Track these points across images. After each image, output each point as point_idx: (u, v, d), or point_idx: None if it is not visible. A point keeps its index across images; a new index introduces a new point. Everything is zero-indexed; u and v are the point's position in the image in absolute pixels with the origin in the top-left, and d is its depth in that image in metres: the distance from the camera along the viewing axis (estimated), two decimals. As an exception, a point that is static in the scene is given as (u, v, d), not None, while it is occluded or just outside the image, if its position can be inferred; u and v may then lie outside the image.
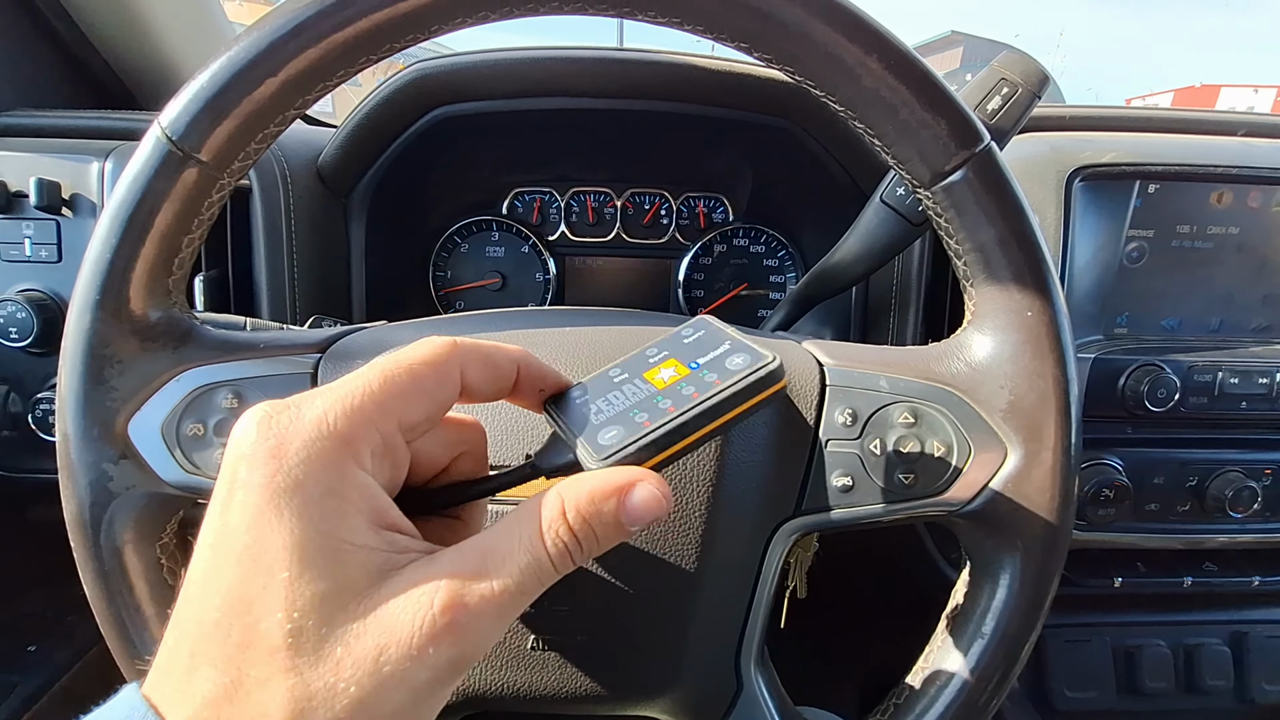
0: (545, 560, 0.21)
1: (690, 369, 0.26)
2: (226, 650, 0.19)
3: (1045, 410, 0.33)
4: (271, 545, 0.19)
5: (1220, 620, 0.70)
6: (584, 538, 0.22)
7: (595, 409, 0.25)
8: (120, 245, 0.31)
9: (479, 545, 0.21)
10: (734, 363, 0.26)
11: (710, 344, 0.27)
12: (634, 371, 0.27)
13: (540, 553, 0.21)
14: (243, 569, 0.19)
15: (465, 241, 0.79)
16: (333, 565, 0.19)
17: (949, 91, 0.32)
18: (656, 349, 0.28)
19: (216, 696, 0.19)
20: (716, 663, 0.36)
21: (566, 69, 0.59)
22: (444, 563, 0.20)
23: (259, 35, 0.31)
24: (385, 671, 0.19)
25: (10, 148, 0.57)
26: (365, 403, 0.21)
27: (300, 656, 0.19)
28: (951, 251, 0.35)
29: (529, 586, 0.21)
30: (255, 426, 0.20)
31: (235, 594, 0.19)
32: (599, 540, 0.22)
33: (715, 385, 0.25)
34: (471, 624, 0.20)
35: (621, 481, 0.22)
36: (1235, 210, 0.61)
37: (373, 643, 0.19)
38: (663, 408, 0.25)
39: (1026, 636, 0.34)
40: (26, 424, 0.57)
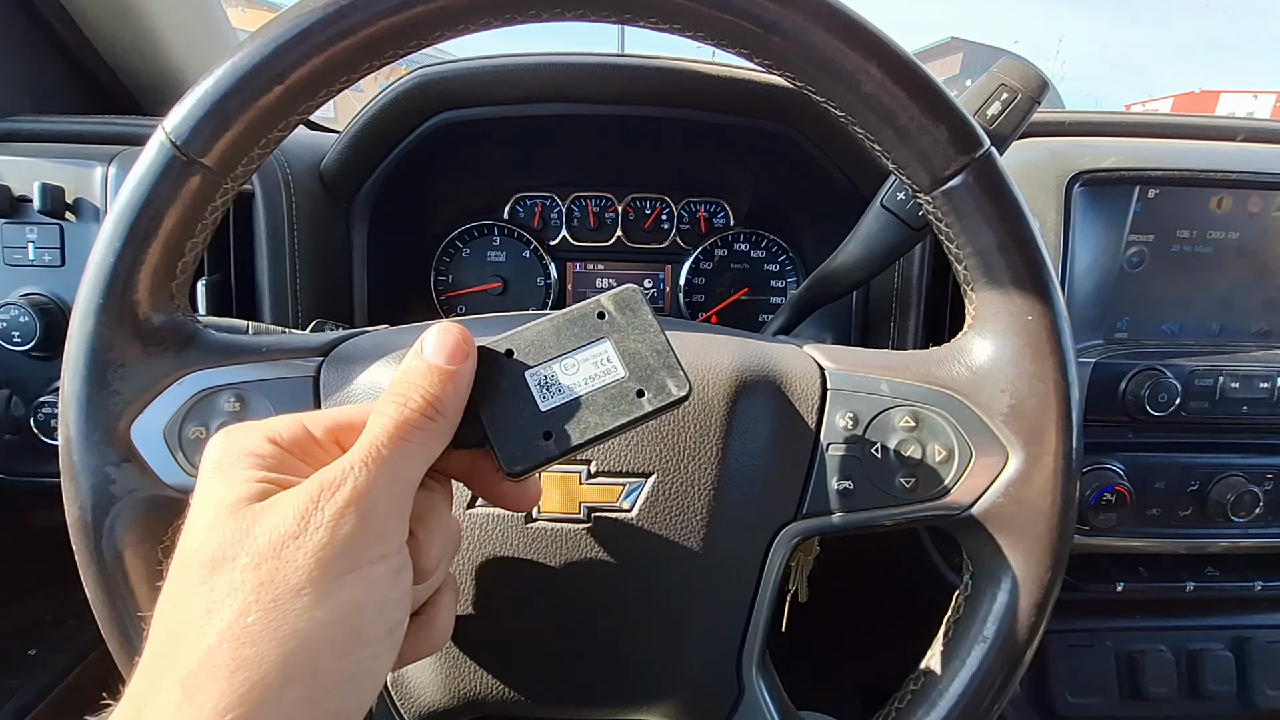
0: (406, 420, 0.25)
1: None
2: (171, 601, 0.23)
3: (1046, 414, 0.33)
4: (227, 498, 0.23)
5: (1223, 625, 0.69)
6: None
7: None
8: (124, 249, 0.31)
9: None
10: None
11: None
12: None
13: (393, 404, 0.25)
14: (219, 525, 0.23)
15: (467, 246, 0.79)
16: (242, 492, 0.23)
17: (949, 97, 0.32)
18: None
19: None
20: (717, 667, 0.36)
21: (568, 75, 0.59)
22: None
23: (263, 41, 0.31)
24: (298, 561, 0.22)
25: (15, 152, 0.57)
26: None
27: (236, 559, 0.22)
28: (952, 256, 0.35)
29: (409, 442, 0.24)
30: (217, 436, 0.25)
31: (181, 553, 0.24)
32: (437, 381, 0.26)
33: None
34: (358, 494, 0.23)
35: None
36: (1235, 215, 0.61)
37: (269, 524, 0.22)
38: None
39: (1029, 641, 0.34)
40: (28, 428, 0.57)
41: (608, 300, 0.28)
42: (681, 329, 0.39)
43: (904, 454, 0.34)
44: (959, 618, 0.35)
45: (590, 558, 0.35)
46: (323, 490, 0.23)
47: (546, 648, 0.35)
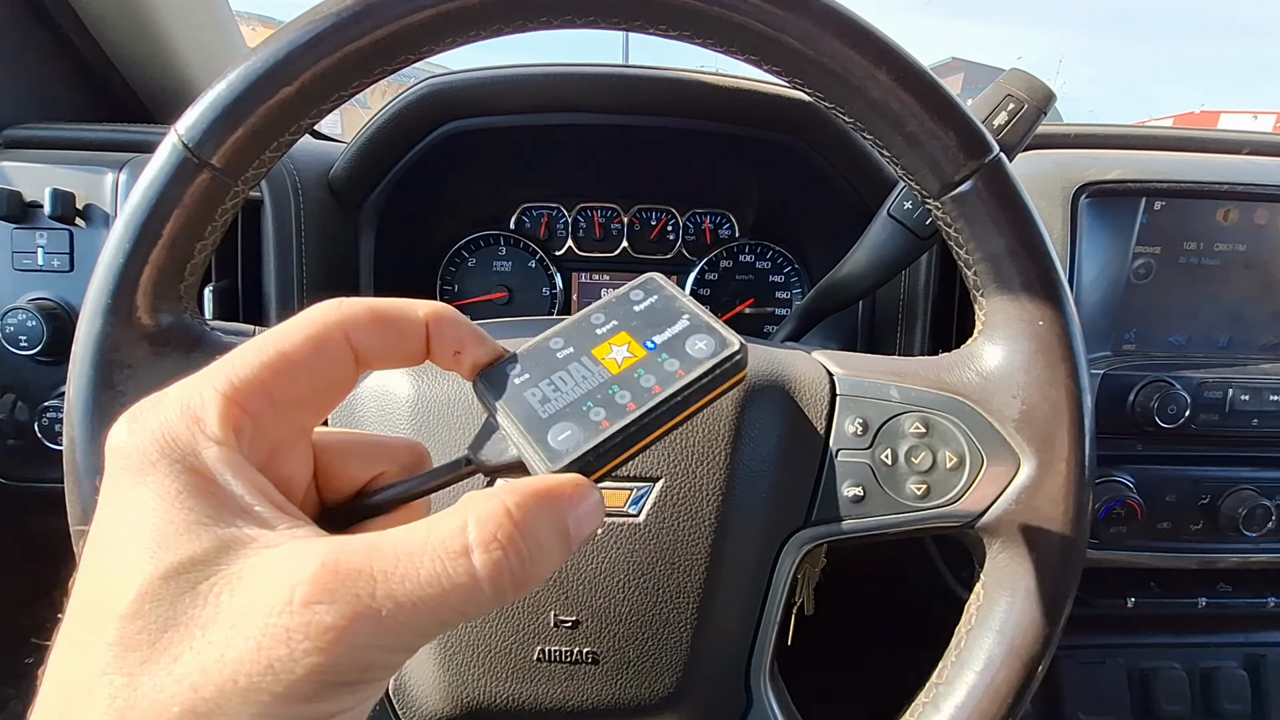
0: (466, 572, 0.16)
1: (646, 349, 0.23)
2: (66, 655, 0.16)
3: (1058, 420, 0.32)
4: (122, 527, 0.17)
5: (1236, 643, 0.68)
6: (529, 549, 0.17)
7: (539, 395, 0.22)
8: (134, 249, 0.32)
9: (374, 538, 0.17)
10: (696, 346, 0.23)
11: (665, 316, 0.23)
12: (580, 345, 0.23)
13: (460, 564, 0.16)
14: (95, 563, 0.17)
15: (473, 256, 0.79)
16: (184, 538, 0.16)
17: (957, 103, 0.33)
18: (602, 315, 0.24)
19: (59, 715, 0.16)
20: (726, 677, 0.35)
21: (576, 85, 0.60)
22: (321, 547, 0.16)
23: (277, 46, 0.31)
24: (225, 676, 0.15)
25: (27, 159, 0.58)
26: (224, 378, 0.18)
27: (130, 653, 0.15)
28: (961, 262, 0.35)
29: (431, 609, 0.16)
30: (124, 420, 0.18)
31: (85, 594, 0.17)
32: (544, 556, 0.18)
33: (678, 376, 0.22)
34: (341, 633, 0.15)
35: (570, 486, 0.19)
36: (1241, 227, 0.61)
37: (219, 635, 0.15)
38: (621, 403, 0.21)
39: (1042, 652, 0.33)
40: (32, 432, 0.57)
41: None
42: None
43: (914, 460, 0.34)
44: (971, 627, 0.35)
45: (597, 563, 0.34)
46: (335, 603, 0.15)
47: (552, 655, 0.34)
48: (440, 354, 0.22)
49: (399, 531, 0.17)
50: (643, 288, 0.25)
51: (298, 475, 0.21)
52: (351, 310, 0.20)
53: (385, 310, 0.20)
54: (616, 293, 0.24)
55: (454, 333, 0.22)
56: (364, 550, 0.16)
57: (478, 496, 0.18)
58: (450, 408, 0.36)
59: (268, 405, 0.19)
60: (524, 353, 0.23)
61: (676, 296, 0.24)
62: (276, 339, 0.19)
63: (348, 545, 0.16)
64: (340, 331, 0.20)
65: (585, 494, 0.19)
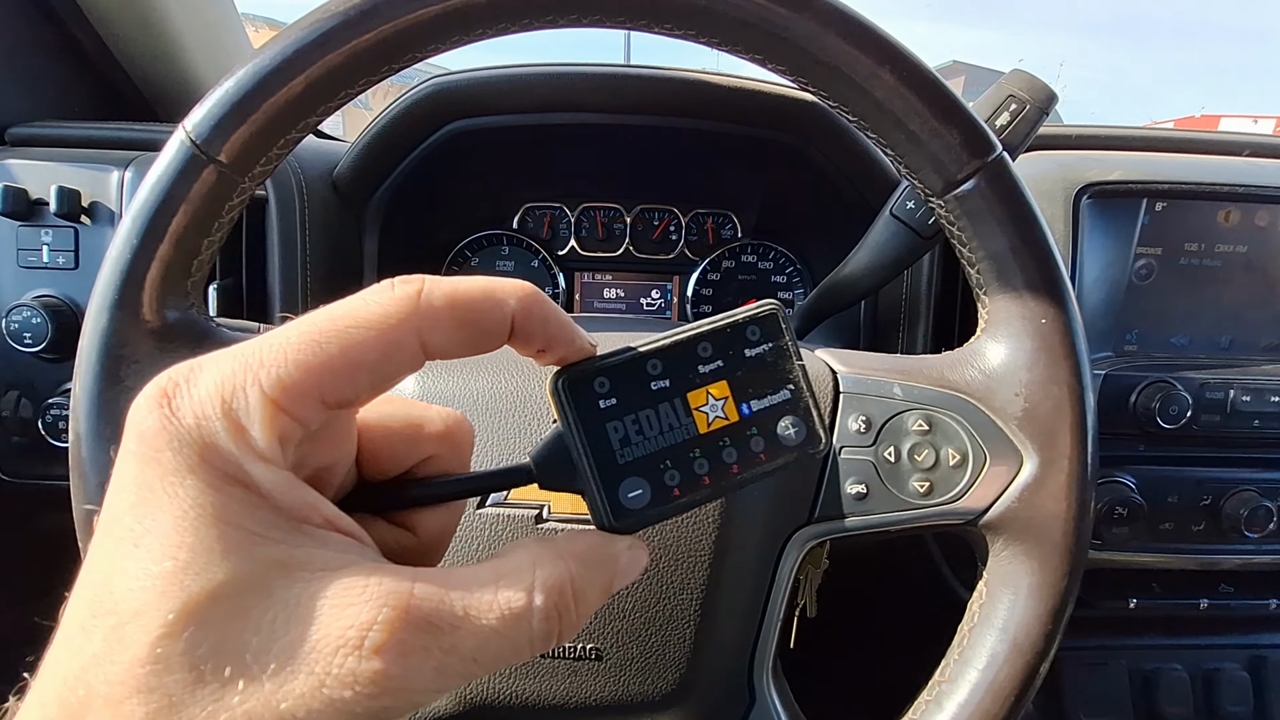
0: (524, 636, 0.17)
1: (740, 414, 0.22)
2: (80, 662, 0.15)
3: (1061, 418, 0.33)
4: (153, 532, 0.15)
5: (1239, 644, 0.68)
6: (579, 616, 0.18)
7: (621, 432, 0.21)
8: (141, 246, 0.32)
9: (446, 579, 0.17)
10: (786, 432, 0.22)
11: (772, 376, 0.22)
12: (677, 380, 0.21)
13: (521, 627, 0.17)
14: (119, 558, 0.15)
15: (476, 255, 0.80)
16: (233, 557, 0.15)
17: (960, 102, 0.33)
18: (710, 347, 0.22)
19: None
20: (729, 674, 0.35)
21: (580, 84, 0.60)
22: (389, 585, 0.16)
23: (285, 44, 0.31)
24: (284, 710, 0.14)
25: (33, 156, 0.58)
26: (274, 378, 0.16)
27: (170, 674, 0.14)
28: (964, 260, 0.35)
29: (489, 655, 0.16)
30: (155, 399, 0.16)
31: (106, 589, 0.15)
32: (586, 615, 0.18)
33: (759, 461, 0.21)
34: (407, 675, 0.15)
35: (625, 550, 0.20)
36: (1243, 229, 0.61)
37: (274, 665, 0.14)
38: (699, 473, 0.21)
39: (1045, 650, 0.33)
40: (36, 429, 0.57)
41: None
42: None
43: (917, 458, 0.34)
44: (974, 625, 0.35)
45: (600, 561, 0.34)
46: None
47: (555, 652, 0.35)
48: (523, 347, 0.20)
49: (466, 575, 0.17)
50: (761, 324, 0.22)
51: (340, 463, 0.20)
52: (430, 309, 0.18)
53: (468, 307, 0.18)
54: (731, 318, 0.22)
55: (543, 328, 0.19)
56: (434, 597, 0.16)
57: (544, 554, 0.18)
58: (460, 405, 0.36)
59: (319, 407, 0.17)
60: (615, 366, 0.21)
61: (789, 351, 0.23)
62: (341, 334, 0.17)
63: (417, 587, 0.16)
64: (415, 334, 0.18)
65: (637, 558, 0.20)
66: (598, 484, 0.20)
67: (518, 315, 0.19)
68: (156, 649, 0.14)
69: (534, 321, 0.19)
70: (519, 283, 0.19)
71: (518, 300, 0.19)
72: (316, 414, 0.17)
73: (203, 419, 0.16)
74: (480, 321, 0.18)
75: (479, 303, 0.18)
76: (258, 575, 0.15)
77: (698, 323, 0.22)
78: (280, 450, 0.16)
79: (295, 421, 0.16)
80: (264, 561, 0.15)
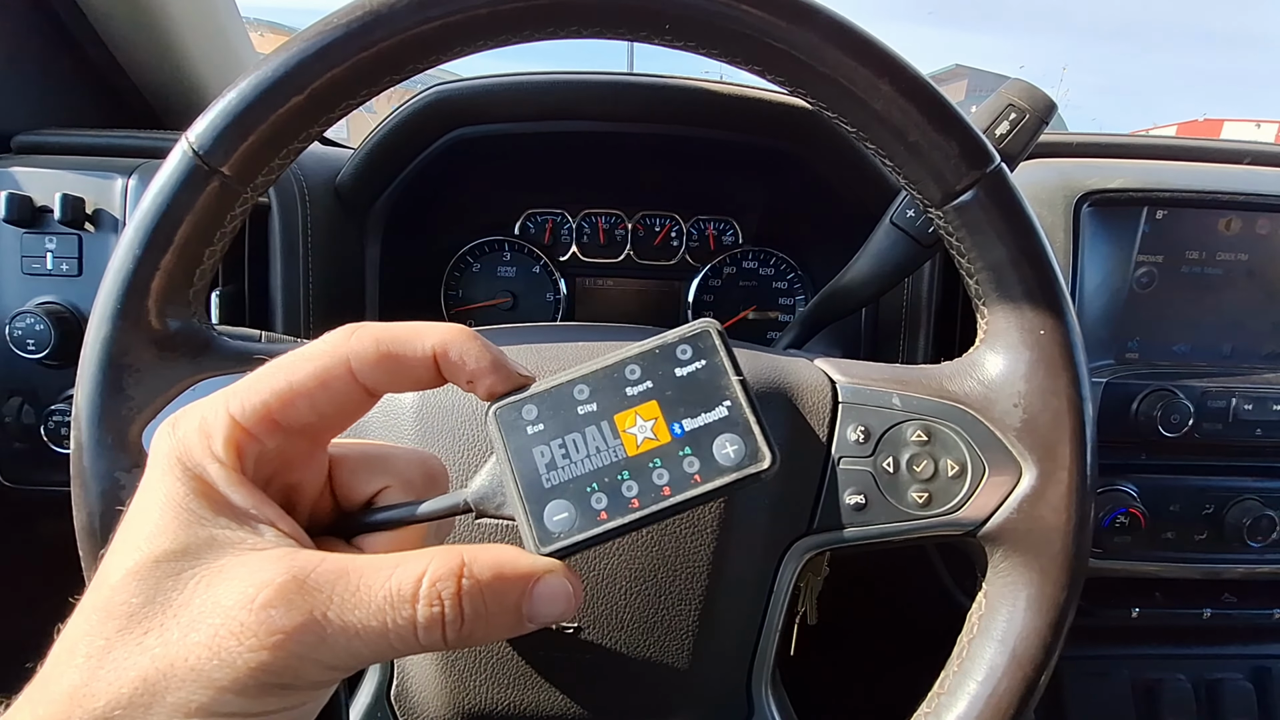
0: (407, 618, 0.18)
1: (671, 434, 0.21)
2: (73, 617, 0.18)
3: (1060, 429, 0.33)
4: (136, 516, 0.19)
5: (1242, 655, 0.68)
6: (471, 614, 0.19)
7: (548, 456, 0.21)
8: (143, 255, 0.32)
9: (354, 560, 0.19)
10: (724, 450, 0.21)
11: (705, 394, 0.21)
12: (605, 403, 0.21)
13: (404, 609, 0.18)
14: (114, 543, 0.19)
15: (477, 261, 0.80)
16: (181, 531, 0.18)
17: (959, 113, 0.33)
18: (639, 368, 0.22)
19: (50, 662, 0.18)
20: (727, 685, 0.35)
21: (582, 93, 0.60)
22: (298, 559, 0.18)
23: (288, 55, 0.32)
24: (180, 656, 0.17)
25: (38, 164, 0.58)
26: (238, 402, 0.20)
27: (111, 620, 0.18)
28: (963, 271, 0.35)
29: (372, 640, 0.18)
30: (167, 424, 0.21)
31: (100, 568, 0.19)
32: (488, 624, 0.19)
33: (693, 482, 0.20)
34: (287, 638, 0.17)
35: (540, 568, 0.20)
36: (1244, 237, 0.61)
37: (187, 619, 0.18)
38: (627, 496, 0.20)
39: (1045, 661, 0.33)
40: (39, 436, 0.57)
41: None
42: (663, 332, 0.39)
43: (916, 469, 0.34)
44: (974, 636, 0.34)
45: (599, 570, 0.34)
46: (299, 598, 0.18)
47: (552, 662, 0.35)
48: (454, 379, 0.22)
49: (374, 561, 0.19)
50: (693, 343, 0.22)
51: (308, 484, 0.23)
52: (359, 345, 0.21)
53: (391, 345, 0.21)
54: (663, 340, 0.22)
55: (464, 365, 0.21)
56: (334, 571, 0.18)
57: (450, 551, 0.19)
58: (454, 415, 0.36)
59: (274, 429, 0.20)
60: (544, 394, 0.21)
61: (725, 370, 0.21)
62: (287, 369, 0.21)
63: (323, 562, 0.18)
64: (344, 367, 0.21)
65: (553, 584, 0.20)
66: (525, 509, 0.21)
67: (438, 350, 0.21)
68: (107, 599, 0.18)
69: (452, 357, 0.21)
70: (448, 325, 0.22)
71: (438, 337, 0.21)
72: (271, 433, 0.20)
73: (187, 433, 0.20)
74: (401, 355, 0.21)
75: (400, 338, 0.21)
76: (195, 547, 0.18)
77: (630, 345, 0.22)
78: (236, 457, 0.20)
79: (251, 436, 0.20)
80: (203, 537, 0.19)
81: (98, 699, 0.17)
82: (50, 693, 0.17)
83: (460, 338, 0.21)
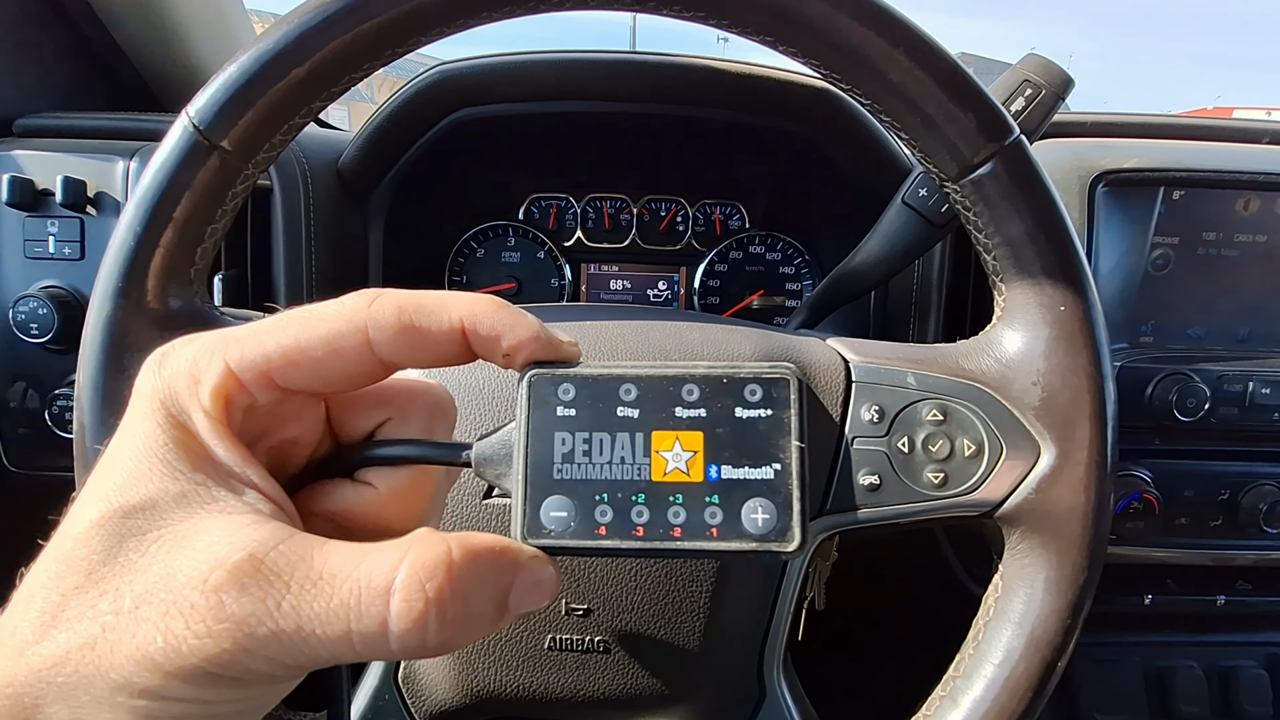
0: (376, 617, 0.16)
1: (705, 475, 0.19)
2: (38, 561, 0.17)
3: (1079, 408, 0.32)
4: (110, 460, 0.18)
5: (1256, 642, 0.67)
6: (456, 611, 0.16)
7: (568, 446, 0.19)
8: (144, 232, 0.31)
9: (324, 545, 0.17)
10: (753, 515, 0.19)
11: (758, 447, 0.19)
12: (647, 414, 0.19)
13: (374, 605, 0.16)
14: (85, 486, 0.18)
15: (481, 246, 0.79)
16: (152, 482, 0.17)
17: (977, 84, 0.32)
18: (697, 391, 0.20)
19: (9, 609, 0.17)
20: (739, 669, 0.35)
21: (586, 71, 0.59)
22: (261, 532, 0.16)
23: (288, 28, 0.31)
24: (127, 629, 0.16)
25: (39, 147, 0.58)
26: (237, 351, 0.18)
27: (70, 575, 0.16)
28: (980, 247, 0.34)
29: (330, 642, 0.16)
30: (152, 360, 0.19)
31: (73, 515, 0.18)
32: (469, 623, 0.17)
33: (708, 536, 0.18)
34: (235, 629, 0.15)
35: (527, 557, 0.18)
36: (1262, 218, 0.60)
37: (141, 587, 0.16)
38: (634, 521, 0.19)
39: (1063, 645, 0.32)
40: (43, 421, 0.57)
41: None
42: (703, 321, 0.38)
43: (931, 449, 0.33)
44: (990, 619, 0.34)
45: (608, 552, 0.34)
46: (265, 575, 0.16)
47: (563, 644, 0.34)
48: (488, 354, 0.20)
49: (345, 546, 0.17)
50: (766, 387, 0.19)
51: (304, 438, 0.21)
52: (380, 314, 0.19)
53: (415, 316, 0.19)
54: (734, 370, 0.20)
55: (497, 337, 0.19)
56: (296, 553, 0.16)
57: (430, 536, 0.17)
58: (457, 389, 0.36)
59: (270, 387, 0.19)
60: (587, 379, 0.20)
61: (789, 429, 0.19)
62: (299, 325, 0.19)
63: (288, 540, 0.16)
64: (361, 337, 0.19)
65: (538, 568, 0.18)
66: (525, 491, 0.19)
67: (466, 323, 0.19)
68: (69, 550, 0.17)
69: (484, 329, 0.19)
70: (477, 295, 0.20)
71: (467, 307, 0.19)
72: (266, 389, 0.19)
73: (174, 375, 0.18)
74: (423, 326, 0.19)
75: (424, 306, 0.19)
76: (165, 502, 0.17)
77: (699, 362, 0.20)
78: (224, 408, 0.18)
79: (244, 389, 0.18)
80: (174, 492, 0.17)
81: (44, 659, 0.16)
82: (2, 642, 0.17)
83: (491, 308, 0.19)
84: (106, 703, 0.16)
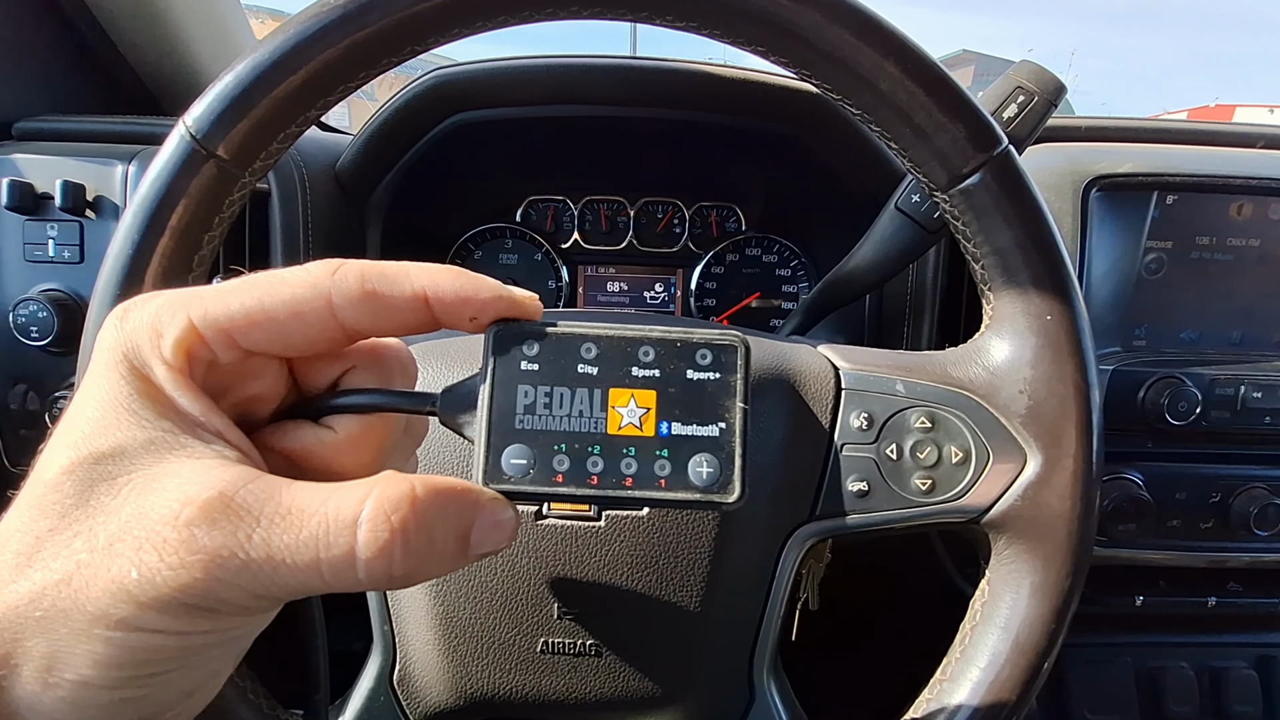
0: (344, 547, 0.17)
1: (656, 431, 0.20)
2: (15, 521, 0.18)
3: (1065, 416, 0.32)
4: (76, 411, 0.18)
5: (1246, 643, 0.68)
6: (419, 542, 0.17)
7: (529, 399, 0.20)
8: (142, 241, 0.32)
9: (290, 484, 0.18)
10: (698, 469, 0.20)
11: (706, 407, 0.21)
12: (606, 372, 0.21)
13: (342, 536, 0.17)
14: (53, 437, 0.19)
15: (479, 248, 0.80)
16: (119, 431, 0.17)
17: (966, 95, 0.32)
18: (652, 352, 0.21)
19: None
20: (729, 671, 0.35)
21: (583, 76, 0.60)
22: (229, 473, 0.17)
23: (284, 38, 0.31)
24: (101, 565, 0.16)
25: (38, 151, 0.58)
26: (201, 309, 0.19)
27: (44, 519, 0.17)
28: (969, 255, 0.35)
29: (300, 570, 0.17)
30: (115, 315, 0.19)
31: (38, 462, 0.18)
32: (432, 553, 0.18)
33: (657, 486, 0.20)
34: (208, 560, 0.16)
35: (487, 498, 0.19)
36: (1255, 222, 0.60)
37: (114, 526, 0.17)
38: (590, 470, 0.20)
39: (1048, 649, 0.33)
40: (44, 423, 0.57)
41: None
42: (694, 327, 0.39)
43: (920, 455, 0.34)
44: (976, 623, 0.34)
45: (601, 557, 0.34)
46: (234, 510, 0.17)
47: (555, 647, 0.35)
48: (453, 324, 0.20)
49: (310, 485, 0.18)
50: (716, 352, 0.21)
51: (268, 393, 0.21)
52: (343, 281, 0.19)
53: (377, 284, 0.19)
54: (688, 335, 0.21)
55: (461, 299, 0.20)
56: (265, 491, 0.17)
57: (394, 475, 0.18)
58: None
59: (231, 346, 0.19)
60: (550, 336, 0.21)
61: (735, 392, 0.21)
62: (264, 288, 0.19)
63: (256, 480, 0.17)
64: (324, 302, 0.19)
65: (499, 509, 0.19)
66: (487, 439, 0.20)
67: (429, 291, 0.20)
68: (41, 496, 0.17)
69: (447, 294, 0.20)
70: (436, 265, 0.20)
71: (428, 275, 0.20)
72: (227, 347, 0.19)
73: (136, 329, 0.19)
74: (386, 293, 0.19)
75: (387, 274, 0.19)
76: (133, 449, 0.17)
77: (656, 325, 0.21)
78: (185, 362, 0.19)
79: (205, 345, 0.19)
80: (141, 439, 0.18)
81: (21, 595, 0.16)
82: None
83: (451, 274, 0.20)
84: (84, 634, 0.16)
